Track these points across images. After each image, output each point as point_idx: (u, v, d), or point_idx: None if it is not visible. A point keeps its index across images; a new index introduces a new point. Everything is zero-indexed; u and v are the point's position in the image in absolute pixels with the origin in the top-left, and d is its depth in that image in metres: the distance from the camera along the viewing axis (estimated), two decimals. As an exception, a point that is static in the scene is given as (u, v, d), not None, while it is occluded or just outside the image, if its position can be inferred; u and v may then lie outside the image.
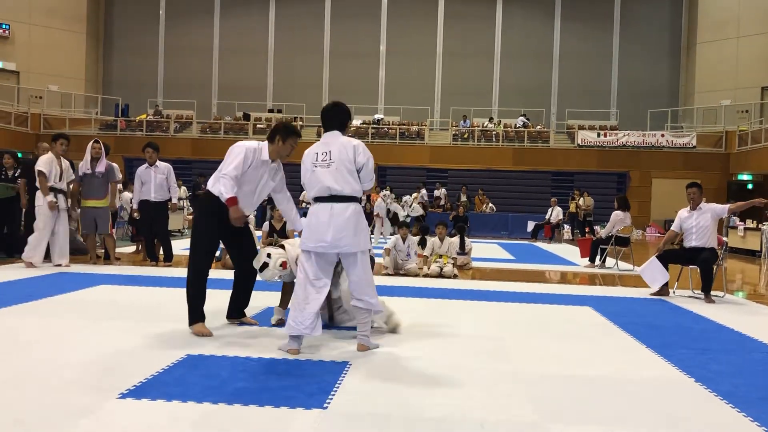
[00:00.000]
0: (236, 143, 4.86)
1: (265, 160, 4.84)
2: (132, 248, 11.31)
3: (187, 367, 3.94)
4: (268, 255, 4.90)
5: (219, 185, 4.73)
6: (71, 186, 8.85)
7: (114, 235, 10.21)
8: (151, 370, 3.82)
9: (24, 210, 9.24)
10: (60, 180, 8.57)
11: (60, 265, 8.49)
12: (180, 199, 10.30)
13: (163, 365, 3.93)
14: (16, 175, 9.44)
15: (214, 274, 5.49)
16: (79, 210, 9.24)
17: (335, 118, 4.54)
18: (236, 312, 5.27)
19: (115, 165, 9.35)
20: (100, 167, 8.95)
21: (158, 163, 9.25)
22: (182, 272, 8.45)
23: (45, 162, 8.42)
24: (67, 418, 3.02)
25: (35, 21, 28.36)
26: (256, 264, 4.92)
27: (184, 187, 18.46)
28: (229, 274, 5.53)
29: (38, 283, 7.11)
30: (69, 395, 3.34)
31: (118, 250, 10.16)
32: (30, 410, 3.11)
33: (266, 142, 4.89)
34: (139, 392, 3.41)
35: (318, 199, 4.40)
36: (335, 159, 4.35)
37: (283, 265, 4.91)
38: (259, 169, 4.83)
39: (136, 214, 9.60)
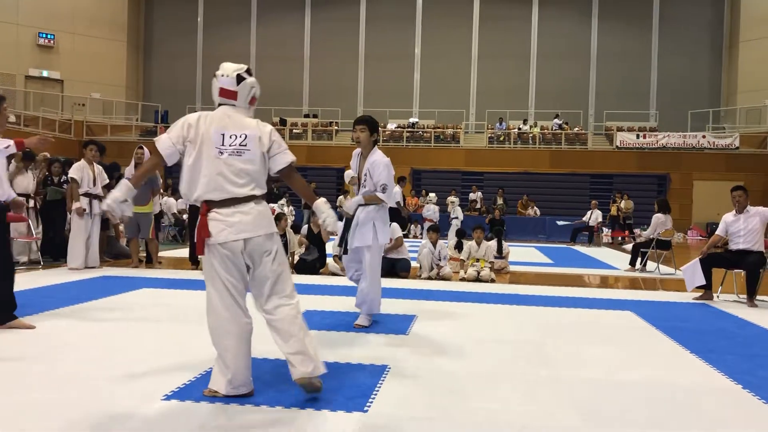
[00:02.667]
0: None
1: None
2: (176, 251, 11.47)
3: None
4: None
5: None
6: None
7: (157, 238, 10.39)
8: (194, 372, 3.88)
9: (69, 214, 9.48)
10: (94, 185, 8.79)
11: (93, 267, 8.71)
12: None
13: (206, 367, 3.98)
14: (61, 180, 9.69)
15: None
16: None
17: None
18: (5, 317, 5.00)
19: (156, 172, 9.53)
20: None
21: None
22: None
23: (77, 169, 8.69)
24: (114, 419, 3.09)
25: (79, 31, 29.07)
26: None
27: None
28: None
29: (82, 287, 7.29)
30: (115, 397, 3.41)
31: (159, 254, 10.34)
32: (77, 412, 3.19)
33: None
34: (183, 394, 3.47)
35: None
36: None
37: None
38: None
39: (185, 216, 9.75)
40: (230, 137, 3.44)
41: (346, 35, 30.27)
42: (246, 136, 3.45)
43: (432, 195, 18.00)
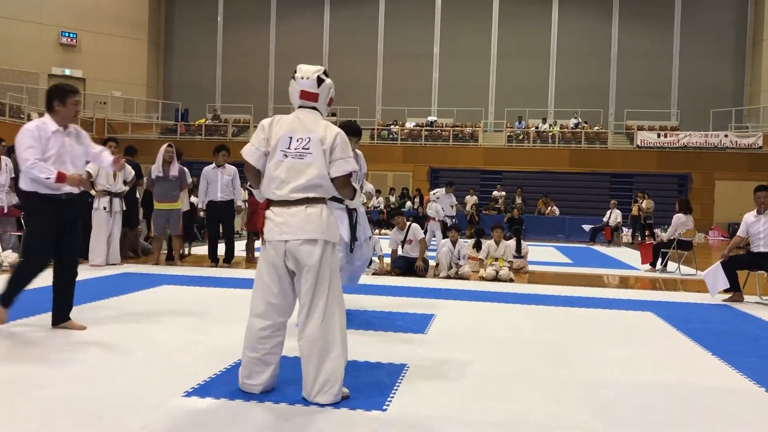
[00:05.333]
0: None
1: (56, 130, 4.81)
2: (195, 249, 11.54)
3: (249, 366, 4.01)
4: None
5: (29, 178, 4.69)
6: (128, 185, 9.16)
7: (195, 236, 10.42)
8: (214, 369, 3.91)
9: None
10: (115, 182, 8.86)
11: (115, 264, 8.80)
12: (244, 201, 10.53)
13: (226, 364, 4.02)
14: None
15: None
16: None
17: None
18: (60, 316, 4.96)
19: (185, 169, 9.62)
20: (173, 171, 9.22)
21: (226, 165, 9.46)
22: (241, 273, 8.65)
23: (93, 165, 8.74)
24: (135, 415, 3.12)
25: (100, 30, 29.36)
26: None
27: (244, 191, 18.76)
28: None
29: (104, 284, 7.36)
30: (136, 393, 3.45)
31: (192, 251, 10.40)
32: (100, 407, 3.23)
33: (46, 116, 4.87)
34: (203, 391, 3.50)
35: None
36: None
37: None
38: (56, 141, 4.79)
39: (201, 213, 9.81)
40: (297, 140, 3.45)
41: (365, 34, 30.28)
42: (309, 140, 3.44)
43: (438, 191, 16.44)
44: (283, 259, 3.39)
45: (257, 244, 10.72)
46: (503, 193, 22.65)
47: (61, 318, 4.93)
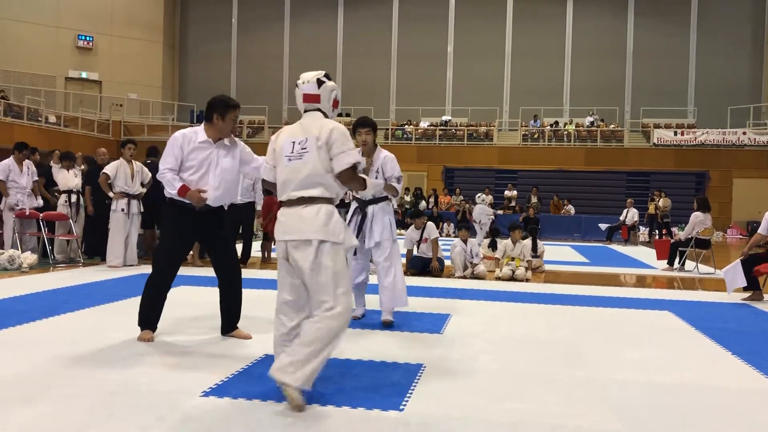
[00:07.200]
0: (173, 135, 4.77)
1: (204, 141, 4.66)
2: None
3: (266, 366, 4.00)
4: None
5: (166, 188, 4.64)
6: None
7: None
8: (232, 369, 3.93)
9: (89, 216, 9.60)
10: (133, 183, 8.91)
11: (132, 266, 8.86)
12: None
13: (243, 364, 4.04)
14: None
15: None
16: None
17: None
18: (228, 325, 4.89)
19: None
20: None
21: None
22: (257, 273, 8.69)
23: (112, 166, 8.82)
24: (154, 414, 3.14)
25: (116, 32, 29.63)
26: None
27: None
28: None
29: (121, 284, 7.42)
30: (155, 393, 3.47)
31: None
32: (119, 407, 3.25)
33: (203, 124, 4.76)
34: (221, 390, 3.52)
35: None
36: None
37: None
38: (201, 152, 4.65)
39: None
40: (298, 143, 3.53)
41: (379, 34, 30.29)
42: (306, 139, 3.51)
43: (482, 195, 17.10)
44: (288, 257, 3.47)
45: (274, 245, 10.78)
46: (515, 192, 22.56)
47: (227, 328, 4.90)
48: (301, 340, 3.30)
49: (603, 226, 18.70)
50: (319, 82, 3.67)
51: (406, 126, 27.30)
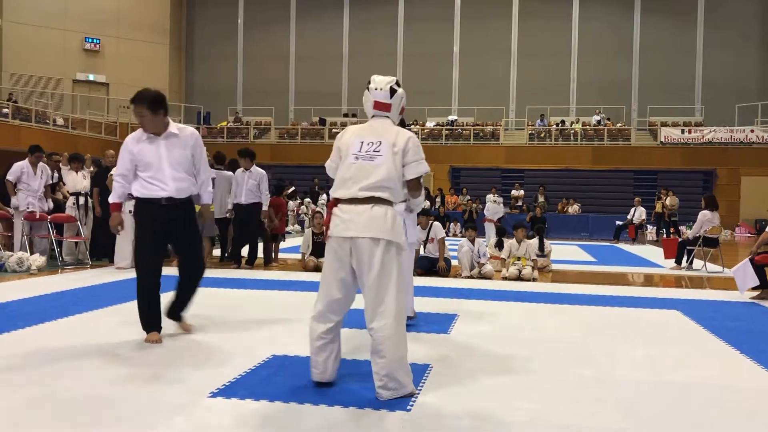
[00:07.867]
0: None
1: (151, 136, 5.12)
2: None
3: (273, 367, 4.04)
4: None
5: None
6: None
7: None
8: (239, 369, 3.94)
9: (97, 217, 9.62)
10: None
11: None
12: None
13: (250, 365, 4.04)
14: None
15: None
16: None
17: None
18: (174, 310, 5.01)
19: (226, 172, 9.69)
20: None
21: (252, 168, 9.50)
22: (264, 275, 8.70)
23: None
24: (162, 415, 3.15)
25: (123, 35, 29.76)
26: None
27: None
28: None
29: (129, 286, 7.40)
30: (163, 394, 3.48)
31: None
32: (127, 408, 3.26)
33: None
34: (228, 391, 3.53)
35: None
36: None
37: None
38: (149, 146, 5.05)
39: (228, 215, 9.87)
40: (368, 144, 3.58)
41: (385, 34, 30.30)
42: (381, 143, 3.57)
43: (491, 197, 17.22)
44: (348, 255, 3.49)
45: (282, 245, 10.78)
46: (522, 191, 22.52)
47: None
48: (379, 355, 3.43)
49: (619, 223, 18.65)
50: (392, 91, 3.74)
51: (413, 125, 27.28)
